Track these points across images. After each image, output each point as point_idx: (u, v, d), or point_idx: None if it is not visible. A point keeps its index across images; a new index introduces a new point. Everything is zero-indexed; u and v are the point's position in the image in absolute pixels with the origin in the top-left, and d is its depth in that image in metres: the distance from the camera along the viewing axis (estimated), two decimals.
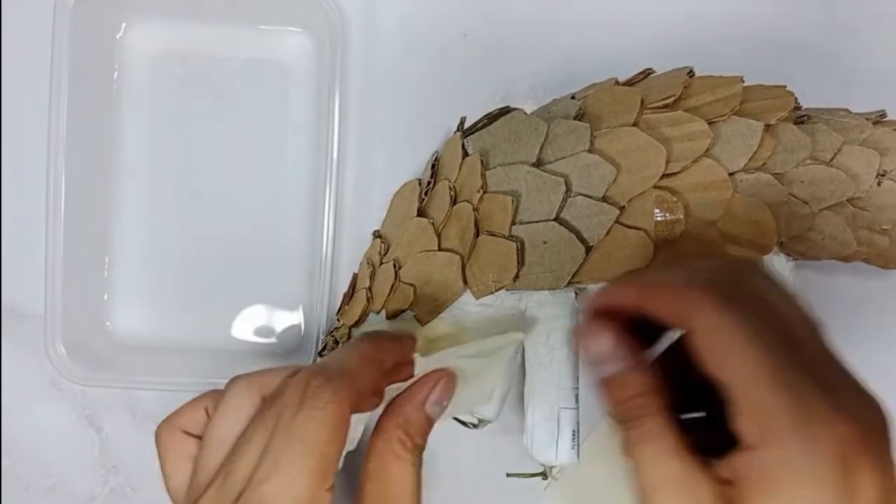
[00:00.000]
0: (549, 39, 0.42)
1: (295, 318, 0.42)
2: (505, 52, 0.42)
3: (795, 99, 0.34)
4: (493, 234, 0.33)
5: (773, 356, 0.22)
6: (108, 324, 0.41)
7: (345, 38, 0.40)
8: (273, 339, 0.42)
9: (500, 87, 0.41)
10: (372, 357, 0.29)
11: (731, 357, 0.22)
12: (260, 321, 0.42)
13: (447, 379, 0.32)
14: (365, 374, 0.28)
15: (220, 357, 0.33)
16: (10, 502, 0.42)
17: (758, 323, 0.23)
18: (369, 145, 0.42)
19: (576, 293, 0.34)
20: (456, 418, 0.38)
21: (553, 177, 0.32)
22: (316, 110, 0.41)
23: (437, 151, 0.38)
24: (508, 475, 0.40)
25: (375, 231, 0.39)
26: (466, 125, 0.37)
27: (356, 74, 0.41)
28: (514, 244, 0.32)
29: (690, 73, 0.34)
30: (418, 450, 0.30)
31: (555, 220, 0.32)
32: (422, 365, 0.32)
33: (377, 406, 0.31)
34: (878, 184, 0.34)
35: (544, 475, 0.39)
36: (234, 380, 0.29)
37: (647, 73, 0.35)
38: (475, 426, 0.39)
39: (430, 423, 0.31)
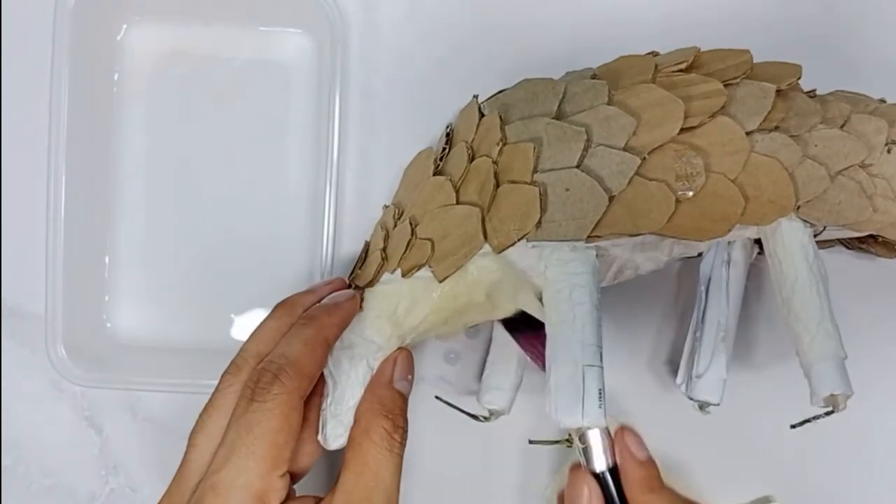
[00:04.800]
0: (550, 38, 0.42)
1: None
2: (505, 51, 0.42)
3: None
4: (514, 182, 0.32)
5: None
6: (109, 324, 0.42)
7: (345, 39, 0.40)
8: None
9: (500, 85, 0.41)
10: (315, 339, 0.31)
11: None
12: (260, 321, 0.42)
13: (403, 355, 0.33)
14: (311, 358, 0.30)
15: (220, 357, 0.33)
16: (10, 502, 0.42)
17: None
18: (369, 145, 0.42)
19: (596, 256, 0.33)
20: (465, 412, 0.38)
21: (574, 127, 0.32)
22: (316, 110, 0.41)
23: (450, 123, 0.38)
24: (531, 442, 0.37)
25: (386, 205, 0.39)
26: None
27: (356, 74, 0.41)
28: (537, 189, 0.32)
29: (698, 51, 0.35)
30: (399, 433, 0.31)
31: (577, 167, 0.32)
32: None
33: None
34: (888, 151, 0.34)
35: (569, 441, 0.34)
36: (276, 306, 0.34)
37: (654, 54, 0.36)
38: (486, 419, 0.38)
39: (403, 399, 0.32)
